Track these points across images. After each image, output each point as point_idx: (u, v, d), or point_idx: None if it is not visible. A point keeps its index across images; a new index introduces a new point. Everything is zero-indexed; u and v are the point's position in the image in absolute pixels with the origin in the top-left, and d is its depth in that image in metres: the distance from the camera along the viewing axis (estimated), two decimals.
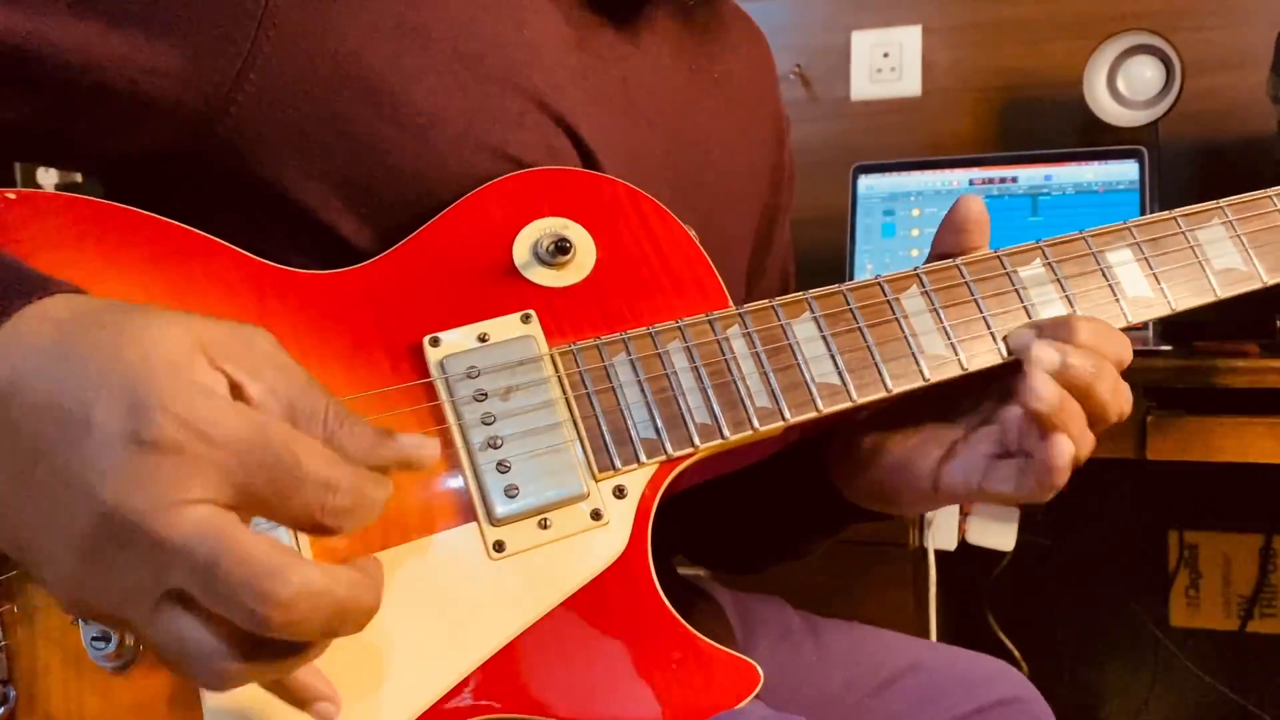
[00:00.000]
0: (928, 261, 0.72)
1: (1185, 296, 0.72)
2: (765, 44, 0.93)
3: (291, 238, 0.65)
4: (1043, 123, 1.88)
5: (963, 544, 1.61)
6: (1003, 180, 1.71)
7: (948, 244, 0.72)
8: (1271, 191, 0.76)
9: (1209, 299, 0.73)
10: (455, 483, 0.61)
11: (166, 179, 0.66)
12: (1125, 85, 1.69)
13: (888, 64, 1.99)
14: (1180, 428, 1.30)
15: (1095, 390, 0.64)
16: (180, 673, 0.49)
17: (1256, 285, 0.74)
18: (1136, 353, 1.44)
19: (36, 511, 0.46)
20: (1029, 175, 1.70)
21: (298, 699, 0.52)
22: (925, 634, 1.52)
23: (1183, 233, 0.74)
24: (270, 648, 0.47)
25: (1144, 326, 1.56)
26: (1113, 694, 1.99)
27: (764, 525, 0.88)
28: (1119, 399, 0.66)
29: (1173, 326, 1.57)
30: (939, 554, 1.54)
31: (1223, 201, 0.75)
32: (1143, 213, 1.60)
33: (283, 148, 0.64)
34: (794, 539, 0.88)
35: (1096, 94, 1.70)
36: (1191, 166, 1.77)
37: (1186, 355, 1.34)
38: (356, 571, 0.47)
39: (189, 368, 0.46)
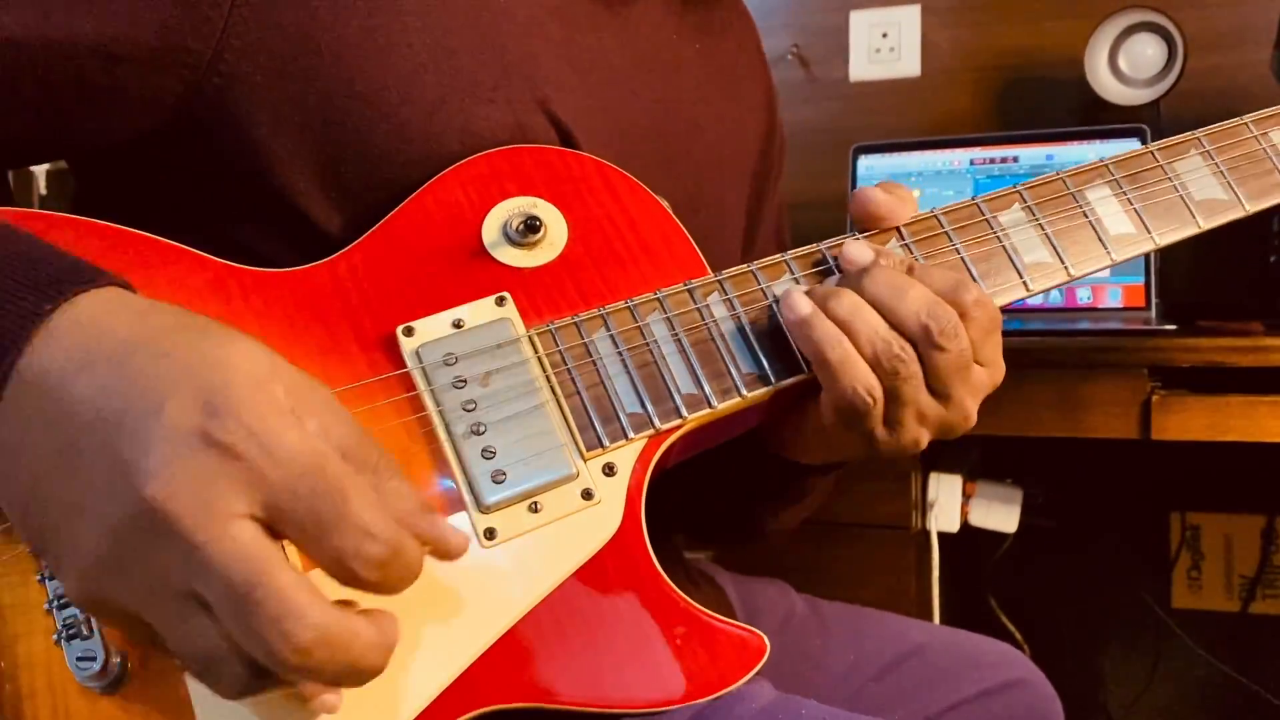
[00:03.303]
0: None
1: (1168, 230, 0.72)
2: (749, 14, 0.92)
3: (266, 224, 0.65)
4: (1044, 102, 1.86)
5: (965, 526, 1.60)
6: (1004, 160, 1.69)
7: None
8: (1248, 118, 0.76)
9: (1192, 231, 0.72)
10: (441, 473, 0.60)
11: (142, 165, 0.65)
12: (1127, 63, 1.68)
13: (887, 44, 1.98)
14: (1185, 407, 1.29)
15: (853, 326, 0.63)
16: (192, 672, 0.49)
17: (1239, 214, 0.73)
18: (1140, 332, 1.44)
19: (74, 489, 0.46)
20: (1030, 155, 1.68)
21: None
22: (928, 616, 1.52)
23: (1160, 165, 0.73)
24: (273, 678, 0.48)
25: (1147, 305, 1.55)
26: (1115, 676, 1.99)
27: (719, 499, 0.87)
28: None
29: (1176, 305, 1.56)
30: (941, 536, 1.53)
31: (1199, 132, 0.75)
32: None
33: (260, 129, 0.63)
34: (749, 509, 0.87)
35: (1098, 72, 1.68)
36: None
37: (1190, 334, 1.33)
38: (374, 630, 0.48)
39: (269, 386, 0.47)
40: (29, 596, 0.55)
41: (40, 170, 2.00)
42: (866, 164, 1.77)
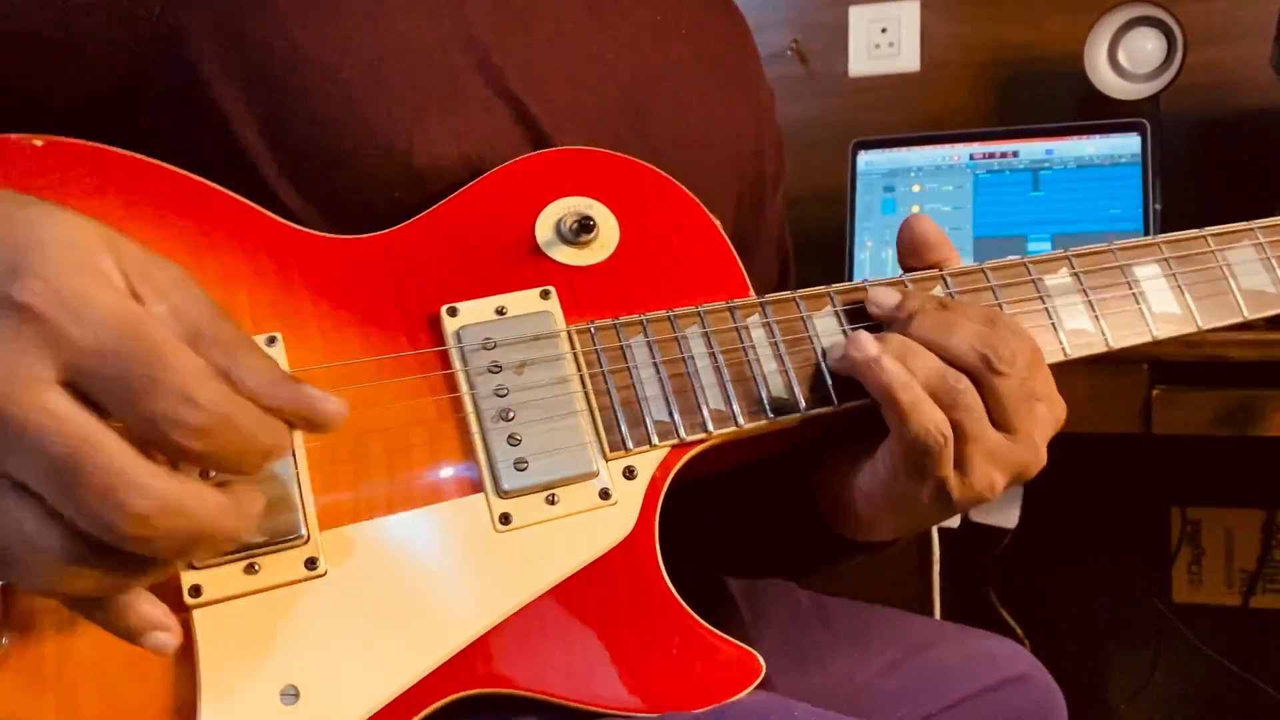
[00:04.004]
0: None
1: (1212, 316, 0.72)
2: (742, 16, 0.92)
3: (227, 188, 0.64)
4: (1043, 96, 1.86)
5: (966, 521, 1.61)
6: (1003, 155, 1.69)
7: (912, 267, 0.70)
8: None
9: (1235, 319, 0.73)
10: (465, 454, 0.60)
11: (104, 133, 0.65)
12: (1126, 58, 1.68)
13: (886, 39, 1.98)
14: (1186, 402, 1.29)
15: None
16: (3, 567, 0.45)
17: None
18: None
19: None
20: (1029, 150, 1.68)
21: (128, 628, 0.48)
22: (929, 612, 1.52)
23: (1212, 252, 0.74)
24: (112, 557, 0.44)
25: None
26: (1116, 670, 1.99)
27: (767, 555, 0.87)
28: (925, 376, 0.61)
29: None
30: (942, 532, 1.54)
31: (1255, 224, 0.76)
32: (1144, 186, 1.59)
33: (211, 86, 0.63)
34: (791, 564, 0.87)
35: (1097, 67, 1.68)
36: (1194, 139, 1.75)
37: None
38: (223, 495, 0.45)
39: (84, 251, 0.44)
40: None
41: None
42: (866, 159, 1.77)
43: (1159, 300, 0.71)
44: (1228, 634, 1.88)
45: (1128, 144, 1.63)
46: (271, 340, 0.59)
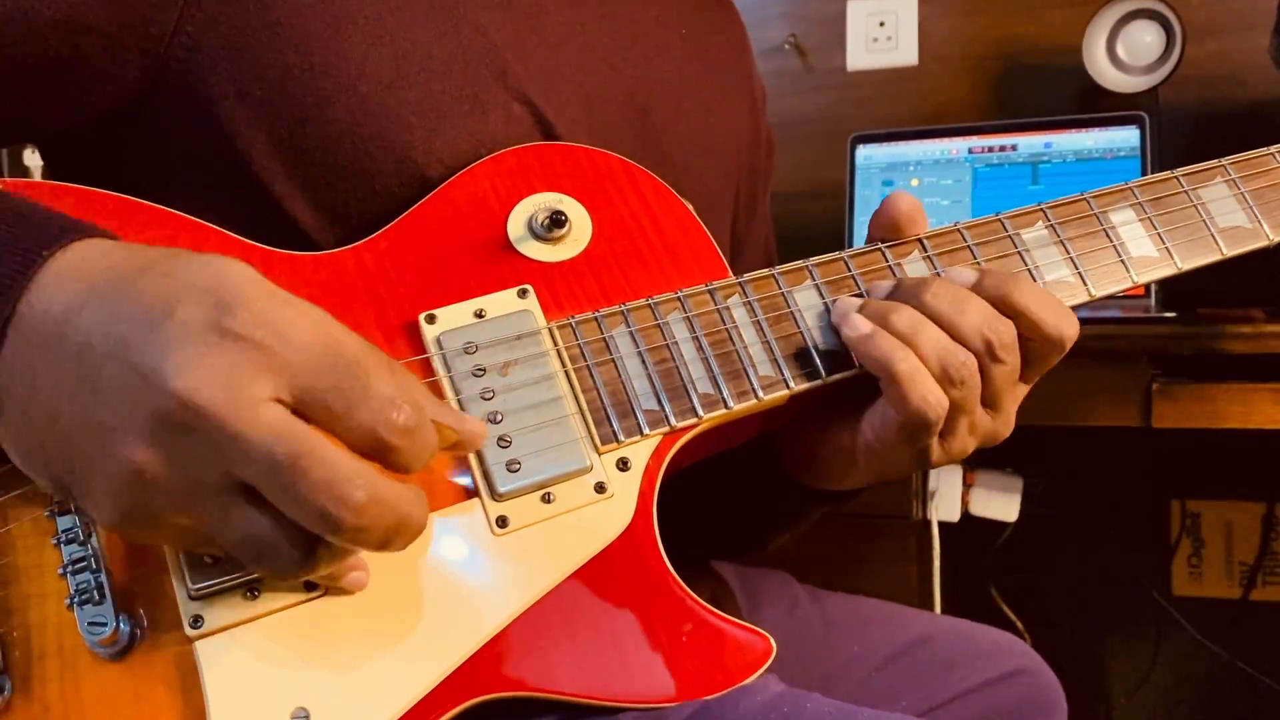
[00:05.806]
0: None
1: (1191, 256, 0.72)
2: (738, 14, 0.92)
3: (233, 206, 0.64)
4: (1042, 90, 1.86)
5: (966, 515, 1.60)
6: (1002, 149, 1.69)
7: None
8: (1274, 149, 0.76)
9: (1215, 258, 0.72)
10: (456, 459, 0.60)
11: (111, 146, 0.65)
12: (1125, 50, 1.68)
13: (884, 33, 1.97)
14: (1185, 395, 1.29)
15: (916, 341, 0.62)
16: (246, 561, 0.50)
17: (1263, 243, 0.73)
18: (1139, 320, 1.44)
19: (96, 412, 0.46)
20: (1028, 143, 1.68)
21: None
22: (929, 606, 1.52)
23: (1185, 191, 0.73)
24: (327, 550, 0.49)
25: (1146, 293, 1.55)
26: (1116, 664, 1.99)
27: (728, 516, 0.87)
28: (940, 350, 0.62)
29: (1176, 293, 1.56)
30: (942, 525, 1.53)
31: (1225, 160, 0.75)
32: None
33: (223, 102, 0.63)
34: (757, 528, 0.87)
35: (1096, 60, 1.68)
36: (1193, 132, 1.75)
37: (1190, 322, 1.33)
38: (414, 490, 0.49)
39: (272, 287, 0.48)
40: (44, 559, 0.56)
41: (35, 165, 2.00)
42: (864, 154, 1.77)
43: (1137, 245, 0.71)
44: (1228, 627, 1.88)
45: (1127, 137, 1.63)
46: None
